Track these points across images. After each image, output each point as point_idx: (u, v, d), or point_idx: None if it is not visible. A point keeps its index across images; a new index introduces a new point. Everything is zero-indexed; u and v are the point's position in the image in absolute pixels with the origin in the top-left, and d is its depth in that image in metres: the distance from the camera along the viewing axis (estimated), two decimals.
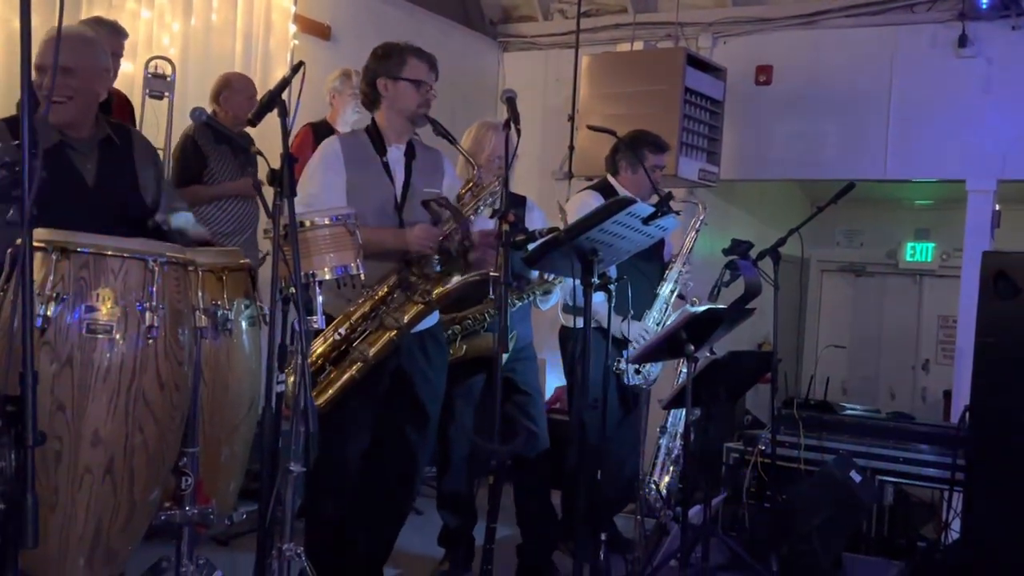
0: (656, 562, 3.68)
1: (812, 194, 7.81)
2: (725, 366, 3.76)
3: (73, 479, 2.30)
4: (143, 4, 4.82)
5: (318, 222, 2.70)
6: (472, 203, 3.23)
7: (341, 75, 4.77)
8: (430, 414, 3.31)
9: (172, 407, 2.43)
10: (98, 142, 2.82)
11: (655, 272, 4.36)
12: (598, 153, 4.61)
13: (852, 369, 8.71)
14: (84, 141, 2.79)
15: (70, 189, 2.69)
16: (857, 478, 4.03)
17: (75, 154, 2.76)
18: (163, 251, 2.44)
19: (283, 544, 2.58)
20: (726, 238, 4.31)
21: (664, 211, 3.09)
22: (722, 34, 6.24)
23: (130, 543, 2.47)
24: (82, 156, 2.78)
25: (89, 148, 2.80)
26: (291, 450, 2.54)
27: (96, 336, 2.31)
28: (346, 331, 3.04)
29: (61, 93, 2.69)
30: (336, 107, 4.77)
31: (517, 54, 6.95)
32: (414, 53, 3.23)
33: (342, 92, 4.75)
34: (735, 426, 5.26)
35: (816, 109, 6.02)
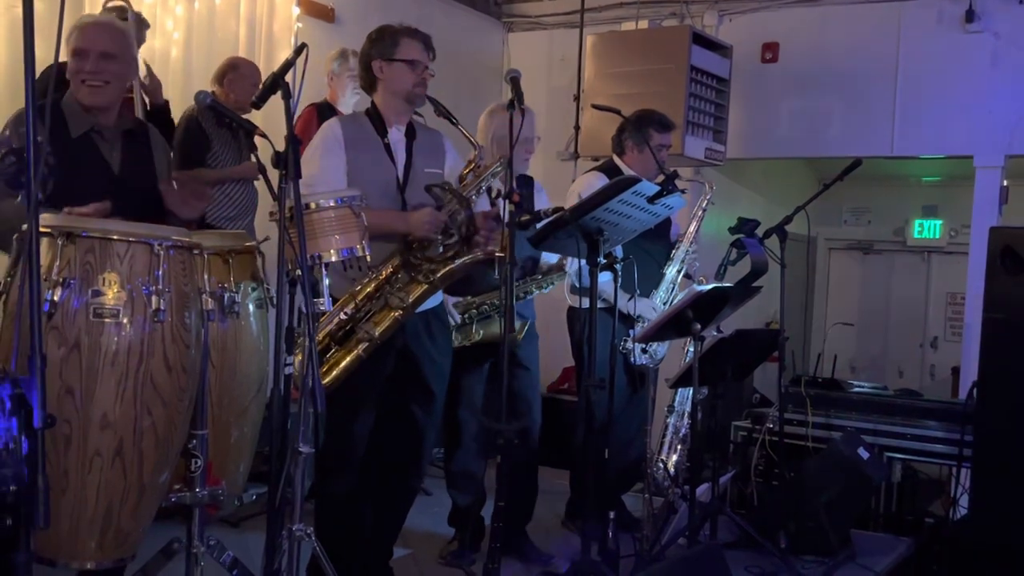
0: (664, 540, 3.69)
1: (819, 172, 7.79)
2: (732, 344, 3.76)
3: (83, 462, 2.32)
4: None
5: (323, 204, 2.70)
6: (474, 183, 3.23)
7: (339, 56, 4.76)
8: (436, 393, 3.32)
9: (180, 390, 2.44)
10: (122, 132, 2.85)
11: (661, 252, 4.36)
12: (604, 133, 4.60)
13: (860, 347, 8.70)
14: (111, 129, 2.81)
15: (98, 177, 2.72)
16: (865, 455, 4.03)
17: (102, 142, 2.79)
18: (169, 235, 2.45)
19: (293, 525, 2.59)
20: (733, 217, 4.29)
21: (670, 190, 3.09)
22: (727, 12, 6.21)
23: (141, 525, 2.49)
24: (108, 145, 2.80)
25: (115, 137, 2.83)
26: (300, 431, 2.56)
27: (103, 320, 2.32)
28: (351, 311, 3.05)
29: (100, 77, 2.75)
30: (335, 88, 4.76)
31: (521, 34, 6.93)
32: (407, 33, 3.23)
33: (340, 74, 4.74)
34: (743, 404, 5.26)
35: (822, 86, 5.99)
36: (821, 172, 7.71)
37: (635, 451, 4.33)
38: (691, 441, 4.12)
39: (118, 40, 2.83)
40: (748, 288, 3.71)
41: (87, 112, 2.76)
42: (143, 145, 2.92)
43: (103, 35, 2.79)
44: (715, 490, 3.85)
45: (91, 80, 2.74)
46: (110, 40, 2.79)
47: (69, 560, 2.40)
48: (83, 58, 2.73)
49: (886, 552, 4.08)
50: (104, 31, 2.82)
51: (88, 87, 2.75)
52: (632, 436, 4.30)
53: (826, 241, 8.95)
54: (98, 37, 2.78)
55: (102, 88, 2.76)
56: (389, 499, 3.40)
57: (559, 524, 4.53)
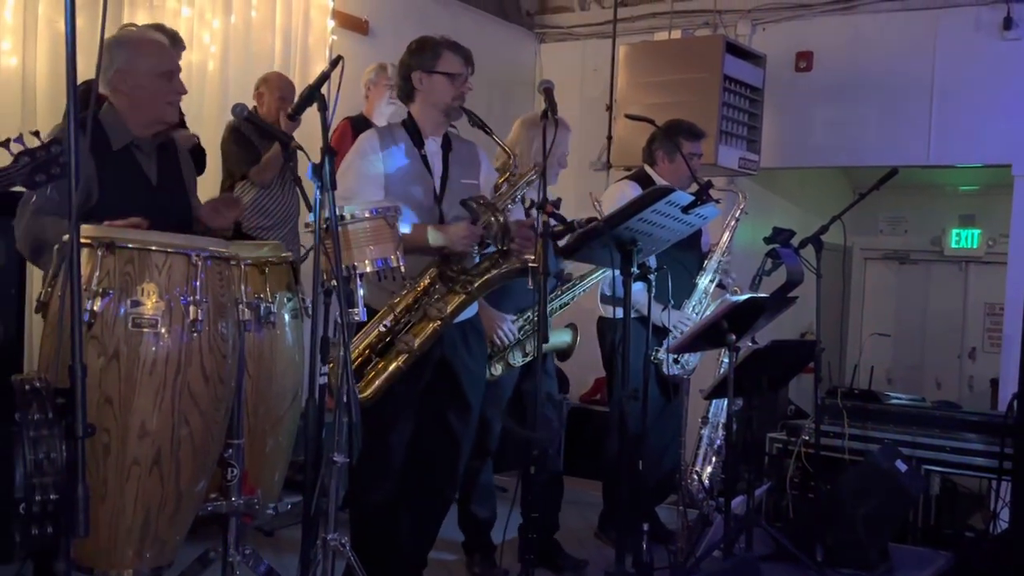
0: (699, 552, 3.67)
1: (854, 181, 7.71)
2: (767, 355, 3.73)
3: (121, 471, 2.34)
4: (184, 2, 4.87)
5: (358, 215, 2.72)
6: (510, 192, 3.24)
7: (376, 68, 4.81)
8: (472, 403, 3.33)
9: (217, 399, 2.46)
10: (157, 145, 2.89)
11: (693, 262, 4.34)
12: (636, 143, 4.59)
13: (897, 358, 8.59)
14: (148, 142, 2.86)
15: (137, 188, 2.76)
16: (903, 468, 3.98)
17: (141, 155, 2.84)
18: (206, 246, 2.47)
19: (328, 534, 2.60)
20: (767, 227, 4.26)
21: (704, 199, 3.08)
22: (761, 21, 6.18)
23: (178, 534, 2.51)
24: (146, 157, 2.85)
25: (151, 150, 2.87)
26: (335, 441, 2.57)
27: (142, 330, 2.34)
28: (391, 323, 3.06)
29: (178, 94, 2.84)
30: (371, 99, 4.80)
31: (554, 45, 6.94)
32: (449, 46, 3.24)
33: (377, 84, 4.79)
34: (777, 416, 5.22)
35: (858, 95, 5.94)
36: (856, 181, 7.64)
37: (669, 462, 4.30)
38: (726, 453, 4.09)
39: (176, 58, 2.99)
40: (783, 299, 3.68)
41: (126, 125, 2.80)
42: (173, 157, 2.97)
43: (173, 54, 2.88)
44: (750, 502, 3.82)
45: (178, 99, 2.84)
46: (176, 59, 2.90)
47: (107, 568, 2.42)
48: (170, 78, 2.82)
49: (924, 566, 4.03)
50: (171, 50, 2.90)
51: (173, 106, 2.85)
52: (665, 447, 4.27)
53: (862, 251, 8.86)
54: (173, 57, 2.89)
55: (175, 105, 2.89)
56: (424, 509, 3.40)
57: (592, 535, 4.51)
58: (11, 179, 2.04)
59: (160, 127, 2.87)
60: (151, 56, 2.80)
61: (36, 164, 2.09)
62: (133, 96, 2.78)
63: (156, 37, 2.98)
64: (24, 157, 2.09)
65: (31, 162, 2.09)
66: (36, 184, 2.10)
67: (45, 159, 2.09)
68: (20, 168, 2.07)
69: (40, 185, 2.09)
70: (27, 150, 2.09)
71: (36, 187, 2.10)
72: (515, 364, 3.75)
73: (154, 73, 2.78)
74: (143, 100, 2.79)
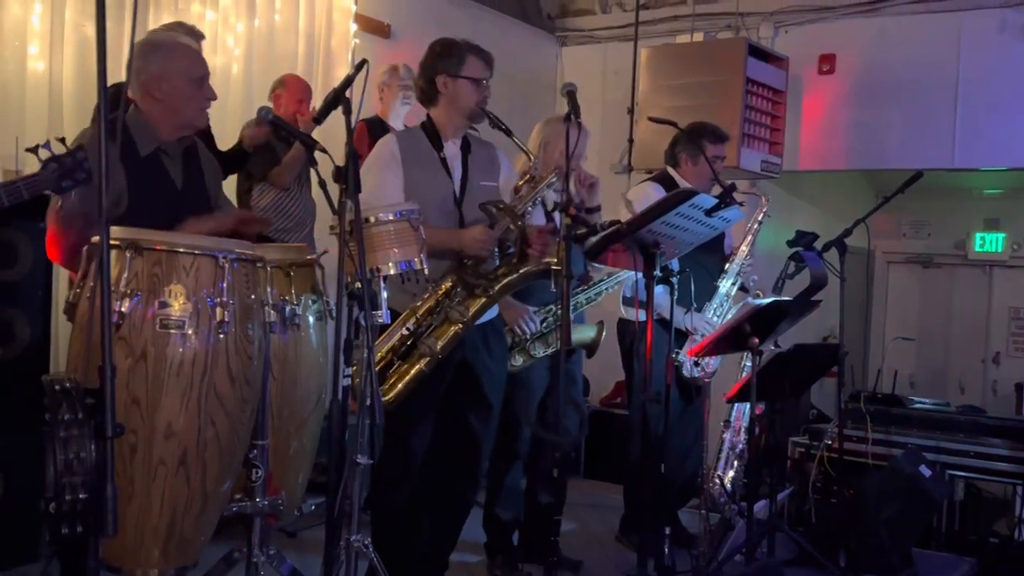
0: (721, 556, 3.65)
1: (877, 184, 7.67)
2: (790, 359, 3.72)
3: (148, 471, 2.36)
4: (208, 6, 4.91)
5: (382, 218, 2.73)
6: (529, 195, 3.24)
7: (388, 69, 4.85)
8: (493, 405, 3.34)
9: (243, 401, 2.47)
10: (183, 149, 2.91)
11: (715, 265, 4.33)
12: (657, 146, 4.59)
13: (920, 363, 8.53)
14: (174, 147, 2.88)
15: (163, 192, 2.78)
16: (927, 473, 3.95)
17: (168, 160, 2.86)
18: (232, 247, 2.49)
19: (351, 535, 2.61)
20: (789, 230, 4.25)
21: (727, 202, 3.07)
22: (784, 23, 6.15)
23: (203, 534, 2.52)
24: (172, 162, 2.87)
25: (177, 154, 2.89)
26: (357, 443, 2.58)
27: (169, 331, 2.36)
28: (412, 326, 3.08)
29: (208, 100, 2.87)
30: (385, 100, 4.83)
31: (575, 48, 6.94)
32: (473, 51, 3.26)
33: (390, 85, 4.82)
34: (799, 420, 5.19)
35: (881, 97, 5.91)
36: (879, 184, 7.59)
37: (691, 466, 4.29)
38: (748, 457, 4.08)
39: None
40: (807, 302, 3.67)
41: (154, 131, 2.82)
42: (197, 161, 2.98)
43: (204, 59, 2.91)
44: (773, 507, 3.81)
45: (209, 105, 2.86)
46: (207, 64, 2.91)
47: (133, 567, 2.43)
48: (202, 84, 2.84)
49: (948, 572, 3.99)
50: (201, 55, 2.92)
51: (204, 111, 2.88)
52: (687, 450, 4.27)
53: (884, 255, 8.80)
54: (205, 62, 2.89)
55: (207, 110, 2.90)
56: (445, 511, 3.41)
57: (613, 539, 4.51)
58: (40, 185, 2.07)
59: (190, 131, 2.90)
60: (184, 61, 2.82)
61: (63, 170, 2.12)
62: (166, 102, 2.79)
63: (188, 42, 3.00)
64: (51, 163, 2.12)
65: (58, 168, 2.12)
66: (63, 189, 2.13)
67: (71, 165, 2.13)
68: (48, 174, 2.10)
69: (67, 190, 2.13)
70: (54, 156, 2.12)
71: (63, 192, 2.13)
72: (536, 356, 3.75)
73: (187, 79, 2.79)
74: (176, 105, 2.80)
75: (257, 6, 5.03)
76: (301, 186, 4.56)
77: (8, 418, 3.43)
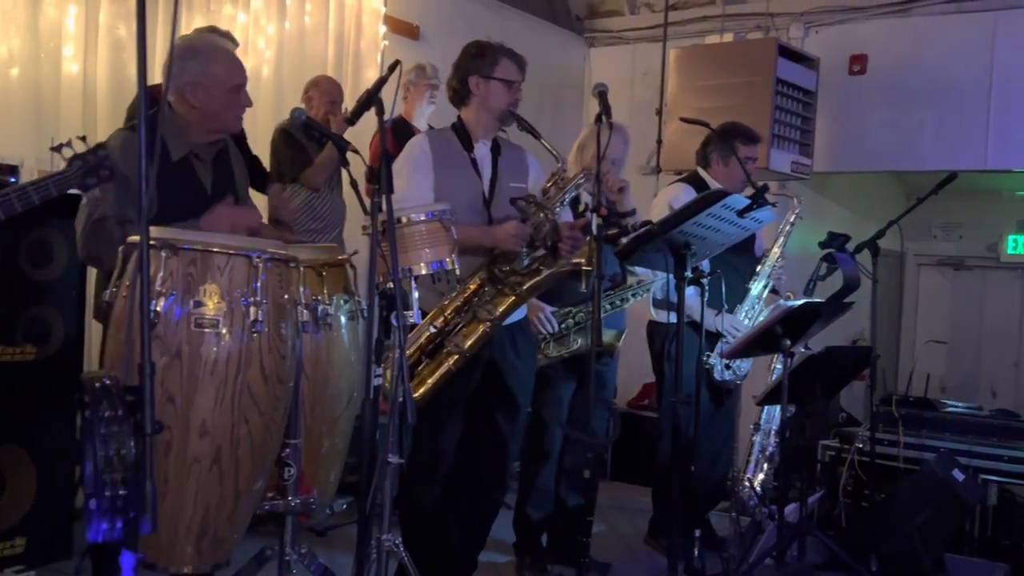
0: (751, 559, 3.63)
1: (908, 186, 7.60)
2: (822, 362, 3.70)
3: (182, 469, 2.37)
4: (239, 8, 4.95)
5: (414, 218, 2.74)
6: (558, 196, 3.24)
7: (415, 68, 4.84)
8: (520, 405, 3.34)
9: (276, 399, 2.49)
10: (215, 154, 2.93)
11: (746, 267, 4.30)
12: (686, 147, 4.57)
13: (951, 366, 8.44)
14: (205, 151, 2.89)
15: (193, 199, 2.79)
16: (960, 477, 3.92)
17: (198, 164, 2.87)
18: (266, 247, 2.50)
19: (382, 534, 2.62)
20: (819, 231, 4.22)
21: (760, 203, 3.05)
22: (814, 24, 6.11)
23: (236, 531, 2.53)
24: (203, 166, 2.89)
25: (208, 158, 2.91)
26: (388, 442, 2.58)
27: (203, 330, 2.37)
28: (441, 324, 3.08)
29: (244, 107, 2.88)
30: (410, 100, 4.82)
31: (603, 49, 6.93)
32: (506, 53, 3.27)
33: (416, 84, 4.82)
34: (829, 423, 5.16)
35: (913, 98, 5.85)
36: (909, 186, 7.52)
37: (721, 469, 4.27)
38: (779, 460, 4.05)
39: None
40: (839, 304, 3.64)
41: (186, 134, 2.83)
42: (227, 163, 2.99)
43: (243, 67, 2.91)
44: (803, 510, 3.78)
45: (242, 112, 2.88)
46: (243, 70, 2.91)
47: (167, 564, 2.45)
48: (239, 92, 2.85)
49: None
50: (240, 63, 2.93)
51: (239, 118, 2.89)
52: (717, 453, 4.24)
53: (915, 257, 8.72)
54: (243, 70, 2.90)
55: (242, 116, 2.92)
56: (473, 511, 3.41)
57: (642, 541, 4.49)
58: (67, 182, 2.10)
59: (222, 136, 2.91)
60: (223, 69, 2.82)
61: (87, 167, 2.15)
62: (202, 108, 2.80)
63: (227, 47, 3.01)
64: (76, 161, 2.15)
65: (83, 165, 2.15)
66: (88, 186, 2.16)
67: (95, 162, 2.15)
68: (74, 171, 2.13)
69: (91, 187, 2.15)
70: (78, 154, 2.15)
71: (88, 189, 2.16)
72: (550, 355, 3.74)
73: (224, 87, 2.80)
74: (212, 112, 2.81)
75: (288, 8, 5.07)
76: (332, 187, 4.57)
77: (42, 416, 3.47)
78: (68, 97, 4.32)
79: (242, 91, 2.86)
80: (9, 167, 3.40)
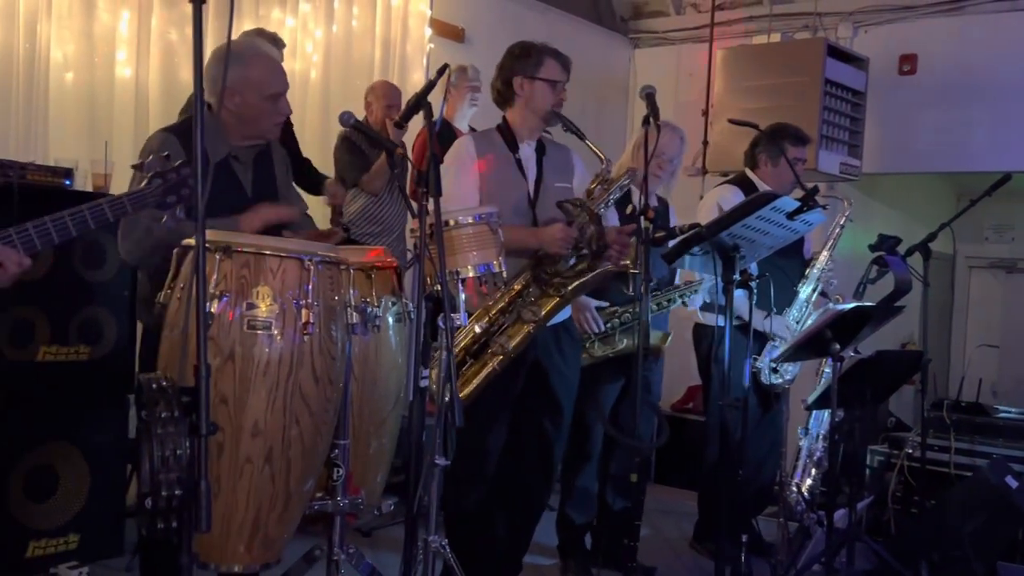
0: (800, 565, 3.60)
1: (958, 187, 7.48)
2: (872, 366, 3.65)
3: (234, 469, 2.39)
4: (288, 12, 5.00)
5: (462, 221, 2.75)
6: (602, 197, 3.23)
7: (457, 69, 4.84)
8: (564, 406, 3.34)
9: (326, 400, 2.50)
10: (255, 154, 2.95)
11: (795, 270, 4.26)
12: (732, 148, 4.54)
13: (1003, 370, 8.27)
14: (245, 152, 2.92)
15: (233, 199, 2.81)
16: (1013, 484, 3.85)
17: (238, 166, 2.90)
18: (317, 250, 2.52)
19: (429, 535, 2.63)
20: (868, 233, 4.17)
21: (810, 205, 3.02)
22: (863, 23, 6.04)
23: (286, 531, 2.55)
24: (243, 168, 2.91)
25: (248, 160, 2.93)
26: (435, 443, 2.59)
27: (256, 332, 2.39)
28: (485, 325, 3.09)
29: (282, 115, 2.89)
30: (452, 101, 4.83)
31: (648, 50, 6.91)
32: (551, 54, 3.27)
33: (459, 86, 4.82)
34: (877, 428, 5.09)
35: (964, 98, 5.76)
36: (960, 187, 7.41)
37: (768, 473, 4.23)
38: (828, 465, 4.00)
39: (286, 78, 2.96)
40: (890, 308, 3.59)
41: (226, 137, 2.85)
42: (269, 163, 3.01)
43: (283, 75, 2.91)
44: (852, 516, 3.73)
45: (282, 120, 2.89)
46: (283, 79, 2.90)
47: (218, 563, 2.47)
48: (277, 100, 2.86)
49: None
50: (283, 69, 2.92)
51: (277, 126, 2.90)
52: (764, 458, 4.21)
53: (966, 259, 8.58)
54: (282, 78, 2.89)
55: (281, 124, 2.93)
56: (517, 512, 3.41)
57: (687, 546, 4.46)
58: (145, 201, 2.09)
59: (260, 142, 2.92)
60: (261, 77, 2.82)
61: (168, 185, 2.15)
62: (239, 114, 2.82)
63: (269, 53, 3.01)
64: (156, 179, 2.15)
65: (163, 184, 2.14)
66: (167, 205, 2.14)
67: (176, 181, 2.14)
68: (154, 189, 2.13)
69: (171, 206, 2.13)
70: (159, 172, 2.15)
71: (167, 208, 2.14)
72: (595, 354, 3.72)
73: (262, 95, 2.81)
74: (248, 119, 2.83)
75: (335, 12, 5.11)
76: (392, 191, 4.59)
77: (95, 415, 3.53)
78: (121, 101, 4.40)
79: (281, 99, 2.85)
80: (65, 169, 3.46)
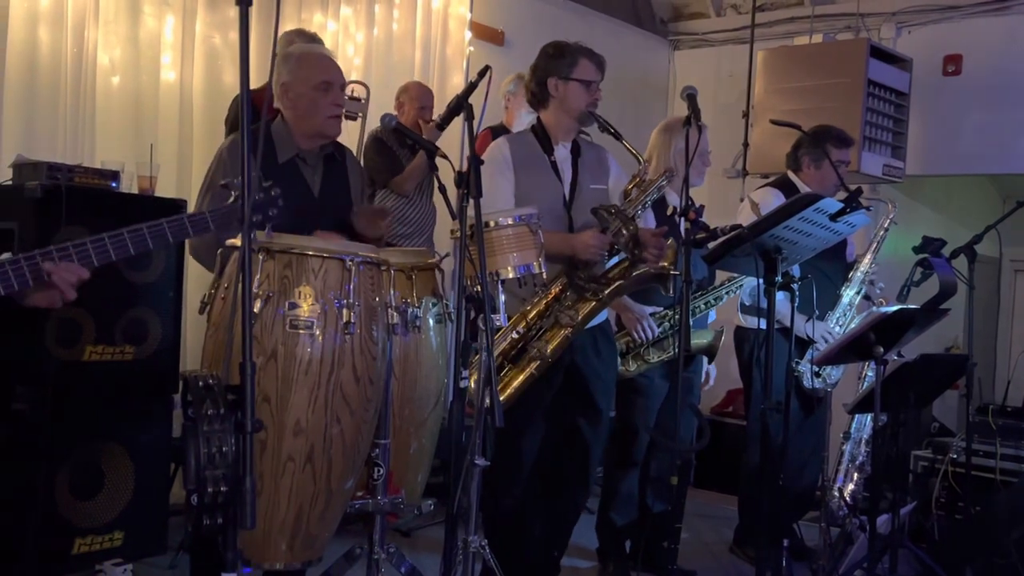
0: (841, 570, 3.56)
1: (1003, 189, 7.36)
2: (916, 370, 3.60)
3: (276, 467, 2.42)
4: (329, 16, 5.05)
5: (502, 222, 2.76)
6: (639, 198, 3.22)
7: (515, 78, 4.85)
8: (602, 409, 3.33)
9: (367, 400, 2.52)
10: (323, 157, 2.98)
11: (838, 273, 4.22)
12: (772, 150, 4.51)
13: None
14: (313, 154, 2.95)
15: (299, 198, 2.84)
16: None
17: (305, 167, 2.94)
18: (358, 251, 2.54)
19: (468, 536, 2.64)
20: (911, 236, 4.12)
21: (853, 207, 2.99)
22: (906, 24, 5.97)
23: (327, 530, 2.58)
24: (311, 168, 2.95)
25: (316, 161, 2.96)
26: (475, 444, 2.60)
27: (298, 332, 2.42)
28: (523, 329, 3.09)
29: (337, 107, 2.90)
30: (511, 109, 4.85)
31: (688, 52, 6.88)
32: (585, 54, 3.26)
33: (516, 94, 4.82)
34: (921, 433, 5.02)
35: (1010, 99, 5.66)
36: (1005, 189, 7.29)
37: (809, 477, 4.19)
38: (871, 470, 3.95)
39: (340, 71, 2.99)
40: (935, 311, 3.54)
41: (293, 138, 2.90)
42: (341, 168, 3.04)
43: (338, 68, 2.95)
44: (895, 521, 3.68)
45: (337, 112, 2.90)
46: (338, 72, 2.94)
47: (260, 560, 2.51)
48: (329, 91, 2.88)
49: None
50: (335, 64, 2.96)
51: (335, 119, 2.91)
52: (805, 462, 4.17)
53: (1011, 263, 8.43)
54: (338, 70, 2.93)
55: (340, 119, 2.94)
56: (555, 514, 3.41)
57: (727, 550, 4.43)
58: (229, 218, 2.07)
59: (323, 140, 2.96)
60: (308, 69, 2.88)
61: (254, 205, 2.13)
62: (295, 108, 2.88)
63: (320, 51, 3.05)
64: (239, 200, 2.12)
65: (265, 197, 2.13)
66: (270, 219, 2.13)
67: (264, 200, 2.13)
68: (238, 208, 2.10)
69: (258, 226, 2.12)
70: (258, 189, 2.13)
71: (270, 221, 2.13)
72: (651, 361, 3.70)
73: (310, 84, 2.85)
74: (304, 112, 2.87)
75: (376, 16, 5.15)
76: (422, 193, 4.62)
77: (140, 414, 3.58)
78: (166, 104, 4.46)
79: (332, 89, 2.89)
80: (111, 172, 3.52)
